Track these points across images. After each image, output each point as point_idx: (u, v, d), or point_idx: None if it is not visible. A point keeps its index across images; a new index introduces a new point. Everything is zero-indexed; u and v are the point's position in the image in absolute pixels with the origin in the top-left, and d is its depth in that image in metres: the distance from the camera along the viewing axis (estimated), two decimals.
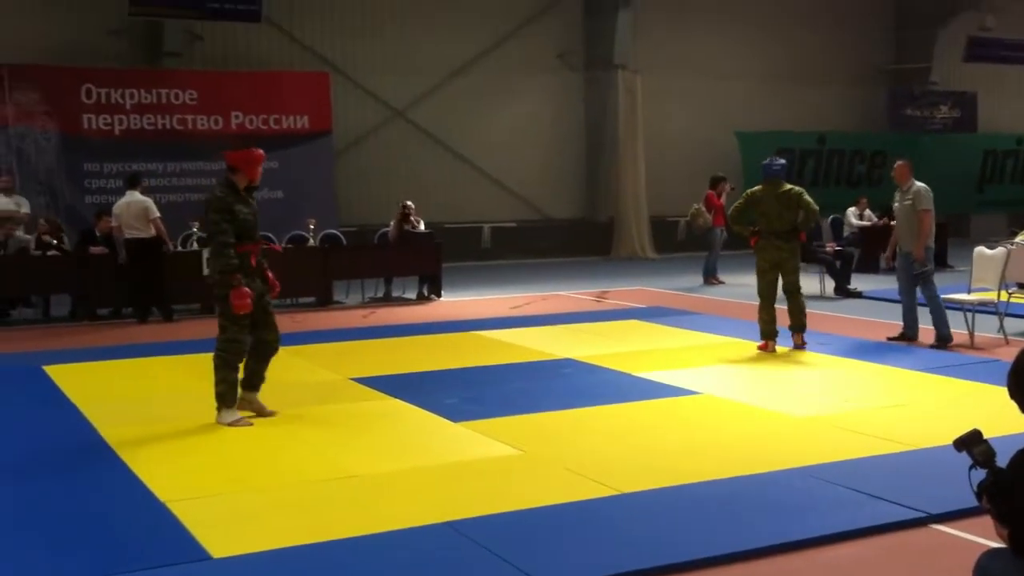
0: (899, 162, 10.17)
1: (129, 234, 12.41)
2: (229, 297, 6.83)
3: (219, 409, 7.05)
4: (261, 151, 7.35)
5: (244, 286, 6.86)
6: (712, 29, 22.31)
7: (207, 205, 7.03)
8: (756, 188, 10.00)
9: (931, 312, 9.76)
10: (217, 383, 7.03)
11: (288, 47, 18.92)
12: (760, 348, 9.68)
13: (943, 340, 9.68)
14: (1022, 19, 24.60)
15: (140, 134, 17.13)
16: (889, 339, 10.12)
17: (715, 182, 16.34)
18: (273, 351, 7.33)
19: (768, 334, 9.69)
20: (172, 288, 12.78)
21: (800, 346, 9.75)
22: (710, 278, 15.84)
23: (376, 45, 19.61)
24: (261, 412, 7.23)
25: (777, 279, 9.81)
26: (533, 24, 20.84)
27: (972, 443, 3.24)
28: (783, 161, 10.32)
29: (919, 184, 9.92)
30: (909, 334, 10.00)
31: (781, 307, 9.84)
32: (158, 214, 12.63)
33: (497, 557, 4.54)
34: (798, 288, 9.83)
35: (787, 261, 9.76)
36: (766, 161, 10.07)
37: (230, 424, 6.98)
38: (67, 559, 4.59)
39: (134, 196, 12.52)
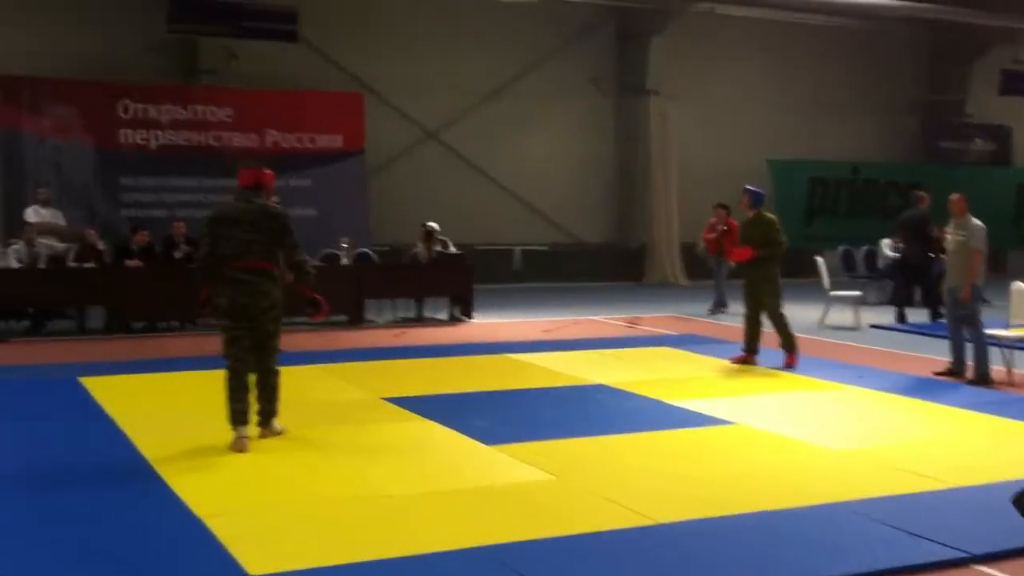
0: (955, 195, 10.00)
1: None
2: (320, 299, 7.17)
3: (272, 423, 7.21)
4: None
5: None
6: (746, 57, 22.28)
7: (284, 219, 6.96)
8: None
9: (974, 349, 9.64)
10: (277, 399, 7.18)
11: (323, 66, 19.04)
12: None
13: (983, 378, 9.57)
14: None
15: (175, 150, 17.27)
16: (935, 374, 10.01)
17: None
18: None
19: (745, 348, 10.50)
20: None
21: (790, 366, 10.25)
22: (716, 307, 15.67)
23: (410, 66, 19.70)
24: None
25: (753, 299, 10.44)
26: (566, 49, 20.90)
27: None
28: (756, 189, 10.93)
29: (975, 221, 9.79)
30: (956, 369, 9.89)
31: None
32: None
33: None
34: (773, 311, 10.36)
35: (758, 285, 10.40)
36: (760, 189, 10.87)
37: (280, 432, 7.21)
38: (101, 571, 4.59)
39: None
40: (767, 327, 10.54)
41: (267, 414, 7.19)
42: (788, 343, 10.39)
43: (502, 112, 20.35)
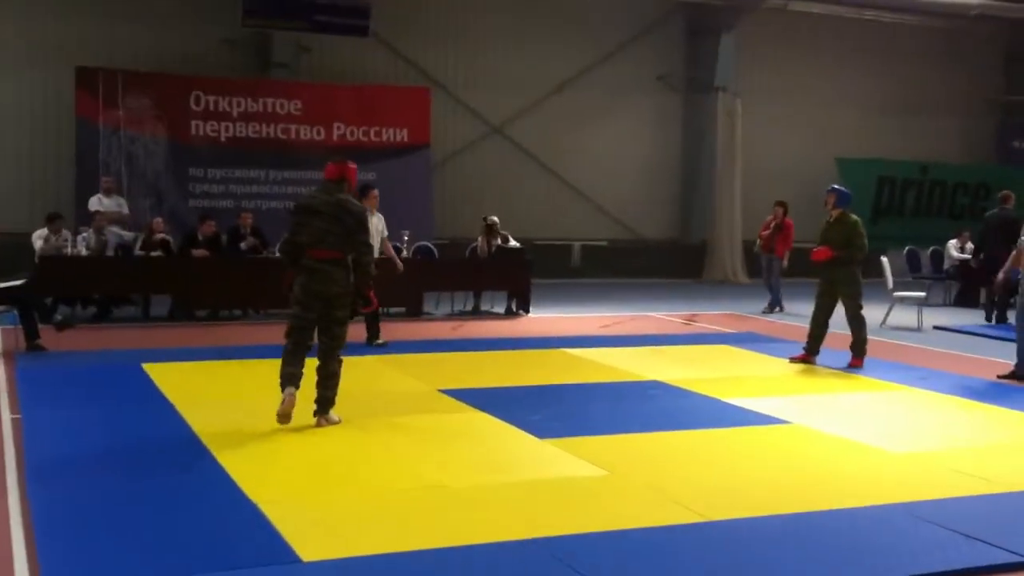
0: None
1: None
2: (371, 296, 7.44)
3: (329, 414, 7.31)
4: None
5: None
6: (816, 54, 22.01)
7: (360, 216, 7.29)
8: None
9: None
10: (335, 387, 7.30)
11: (391, 61, 19.22)
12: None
13: None
14: None
15: (245, 142, 17.55)
16: (999, 377, 9.82)
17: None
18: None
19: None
20: (270, 293, 13.04)
21: (854, 367, 10.17)
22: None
23: (477, 61, 19.82)
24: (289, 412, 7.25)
25: (828, 300, 10.40)
26: (634, 44, 20.82)
27: None
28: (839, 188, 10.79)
29: None
30: (1021, 373, 9.69)
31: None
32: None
33: None
34: (853, 312, 10.28)
35: (836, 286, 10.36)
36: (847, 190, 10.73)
37: (336, 423, 7.30)
38: (159, 556, 4.69)
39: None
40: (833, 329, 10.44)
41: (324, 401, 7.30)
42: (860, 346, 10.27)
43: (567, 107, 20.35)
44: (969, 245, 17.51)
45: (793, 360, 10.47)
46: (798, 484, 6.15)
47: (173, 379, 8.76)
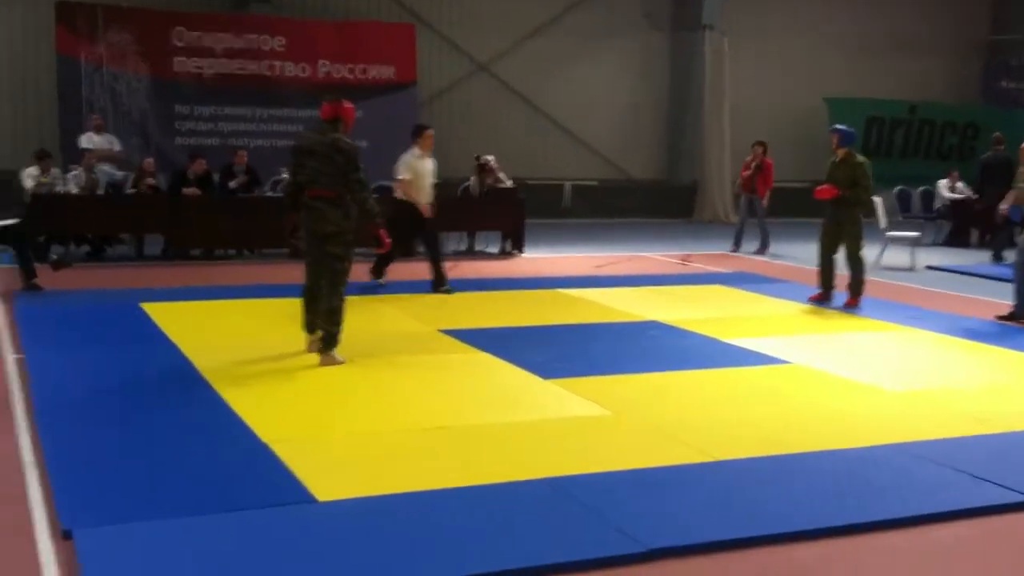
0: None
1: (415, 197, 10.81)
2: (380, 235, 7.52)
3: (332, 352, 7.33)
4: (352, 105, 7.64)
5: None
6: None
7: (350, 154, 7.25)
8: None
9: None
10: (338, 323, 7.32)
11: None
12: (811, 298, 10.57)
13: None
14: None
15: (229, 79, 17.31)
16: (998, 318, 9.86)
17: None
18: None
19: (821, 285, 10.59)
20: (263, 233, 13.04)
21: (850, 307, 10.24)
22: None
23: None
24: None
25: (831, 240, 10.47)
26: None
27: None
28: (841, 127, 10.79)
29: None
30: (1020, 313, 9.73)
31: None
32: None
33: (596, 515, 4.56)
34: (853, 253, 10.35)
35: (840, 226, 10.39)
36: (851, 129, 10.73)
37: (340, 363, 7.29)
38: (173, 494, 4.70)
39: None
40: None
41: (327, 338, 7.35)
42: (857, 286, 10.34)
43: (554, 46, 20.15)
44: (959, 184, 17.65)
45: (811, 299, 10.56)
46: (800, 423, 6.20)
47: (173, 319, 8.72)
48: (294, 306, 7.73)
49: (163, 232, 13.09)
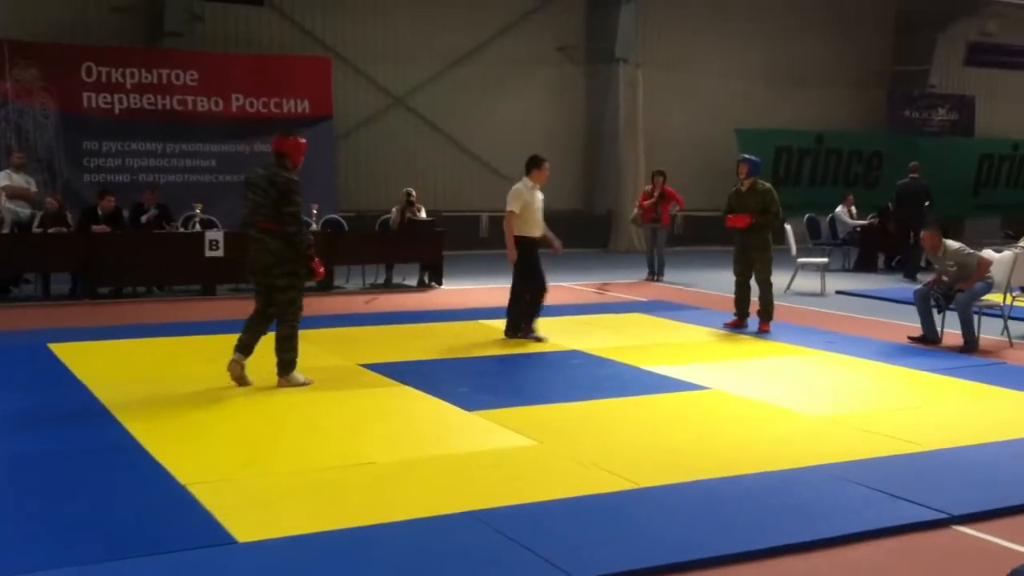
0: (925, 233, 10.20)
1: (541, 232, 10.01)
2: (313, 266, 7.67)
3: (290, 375, 7.67)
4: (304, 140, 7.85)
5: None
6: (715, 27, 22.31)
7: (284, 188, 7.44)
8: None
9: (961, 319, 9.72)
10: (288, 350, 7.66)
11: (289, 31, 18.83)
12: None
13: (969, 346, 9.69)
14: (1022, 24, 24.69)
15: (140, 113, 17.00)
16: (911, 339, 10.14)
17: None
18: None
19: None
20: (172, 268, 12.84)
21: (764, 332, 10.47)
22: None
23: (378, 32, 19.54)
24: (244, 380, 7.66)
25: (744, 266, 10.74)
26: (535, 16, 20.80)
27: None
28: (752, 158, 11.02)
29: (952, 245, 9.94)
30: (929, 336, 10.01)
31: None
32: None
33: (521, 547, 4.53)
34: (764, 278, 10.62)
35: (751, 252, 10.68)
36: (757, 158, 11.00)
37: (302, 384, 7.66)
38: (87, 541, 4.55)
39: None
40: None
41: (282, 364, 7.68)
42: (768, 311, 10.62)
43: (470, 79, 20.25)
44: (853, 210, 18.26)
45: (727, 326, 10.79)
46: (721, 448, 6.27)
47: (83, 359, 8.49)
48: (208, 343, 7.63)
49: (72, 270, 12.76)
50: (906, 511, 5.11)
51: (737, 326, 10.74)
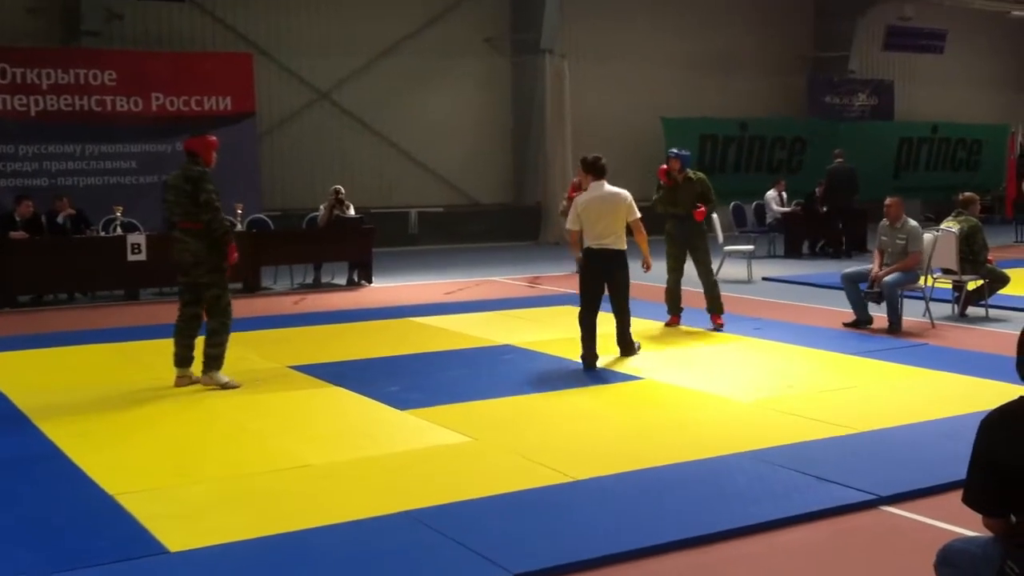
0: (891, 200, 10.22)
1: (598, 243, 8.55)
2: (228, 251, 7.61)
3: (214, 371, 7.62)
4: (216, 138, 7.96)
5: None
6: (639, 16, 22.47)
7: (197, 180, 7.47)
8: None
9: (887, 302, 9.88)
10: (214, 346, 7.62)
11: (210, 27, 18.56)
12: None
13: (894, 327, 9.85)
14: (938, 9, 25.26)
15: (57, 115, 16.61)
16: (845, 324, 10.21)
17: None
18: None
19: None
20: (93, 274, 12.60)
21: (718, 327, 10.15)
22: None
23: (301, 26, 19.34)
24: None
25: (679, 262, 10.35)
26: (461, 7, 20.74)
27: None
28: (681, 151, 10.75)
29: (912, 223, 10.07)
30: (862, 318, 10.13)
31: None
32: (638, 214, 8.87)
33: (458, 544, 4.52)
34: (708, 271, 10.31)
35: (690, 245, 10.33)
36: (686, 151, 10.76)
37: (225, 385, 7.58)
38: (19, 555, 4.45)
39: (603, 189, 8.67)
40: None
41: (207, 359, 7.63)
42: (719, 303, 10.26)
43: (396, 72, 20.13)
44: (784, 195, 18.52)
45: (668, 325, 10.33)
46: (655, 437, 6.31)
47: (3, 370, 8.28)
48: (131, 350, 7.49)
49: None
50: (836, 493, 5.19)
51: (675, 324, 10.32)
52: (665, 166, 10.45)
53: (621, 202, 8.58)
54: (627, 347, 8.78)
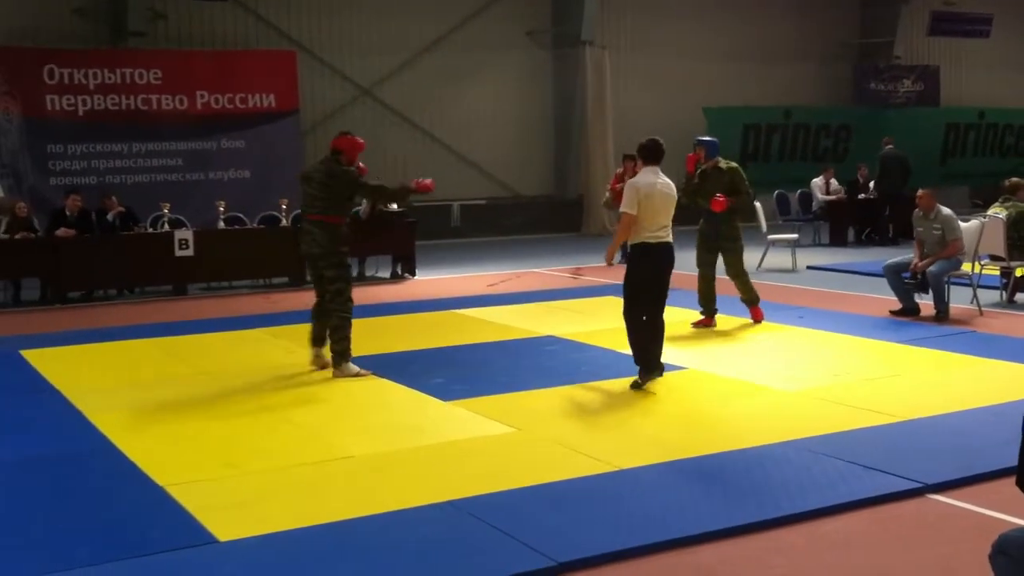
0: (923, 192, 10.11)
1: (657, 237, 7.72)
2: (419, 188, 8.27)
3: (344, 363, 7.84)
4: (363, 141, 8.28)
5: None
6: (680, 6, 22.32)
7: (340, 176, 7.79)
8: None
9: (933, 290, 9.79)
10: (338, 340, 7.85)
11: (254, 25, 18.70)
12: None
13: (941, 315, 9.79)
14: None
15: (104, 115, 16.83)
16: (892, 312, 10.14)
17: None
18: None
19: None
20: (142, 270, 12.79)
21: (759, 320, 9.89)
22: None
23: (343, 23, 19.44)
24: (327, 365, 8.02)
25: (711, 256, 9.90)
26: (501, 1, 20.74)
27: None
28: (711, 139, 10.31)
29: (946, 211, 9.97)
30: (908, 307, 10.06)
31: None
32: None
33: (503, 534, 4.56)
34: (740, 265, 9.90)
35: (720, 239, 9.86)
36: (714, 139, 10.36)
37: (356, 375, 7.79)
38: (69, 545, 4.55)
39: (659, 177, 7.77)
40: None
41: (334, 355, 7.87)
42: (755, 297, 9.95)
43: (437, 67, 20.17)
44: (833, 182, 18.31)
45: (696, 325, 9.78)
46: (698, 427, 6.32)
47: (56, 365, 8.43)
48: (179, 344, 7.57)
49: (40, 275, 12.66)
50: (880, 482, 5.17)
51: (707, 325, 9.75)
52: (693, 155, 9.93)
53: (674, 193, 7.94)
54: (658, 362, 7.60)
